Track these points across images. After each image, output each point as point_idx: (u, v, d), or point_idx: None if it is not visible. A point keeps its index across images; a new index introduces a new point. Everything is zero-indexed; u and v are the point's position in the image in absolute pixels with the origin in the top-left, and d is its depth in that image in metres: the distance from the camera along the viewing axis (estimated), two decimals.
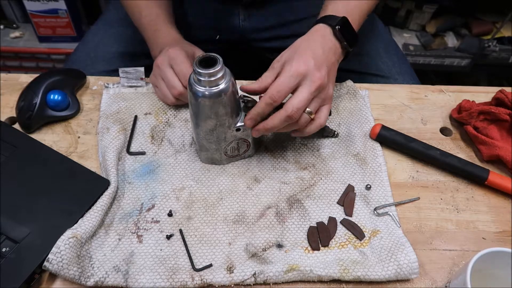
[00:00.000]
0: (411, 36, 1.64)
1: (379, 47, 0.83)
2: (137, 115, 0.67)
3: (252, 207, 0.57)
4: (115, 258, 0.51)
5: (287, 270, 0.50)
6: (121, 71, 0.68)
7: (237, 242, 0.53)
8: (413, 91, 0.74)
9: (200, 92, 0.51)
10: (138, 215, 0.56)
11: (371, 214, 0.57)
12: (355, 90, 0.71)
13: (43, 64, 1.60)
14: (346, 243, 0.54)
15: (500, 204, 0.60)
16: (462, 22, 1.63)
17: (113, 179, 0.57)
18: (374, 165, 0.62)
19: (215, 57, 0.50)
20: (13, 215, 0.52)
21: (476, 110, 0.65)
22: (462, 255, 0.54)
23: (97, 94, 0.70)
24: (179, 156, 0.62)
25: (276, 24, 0.84)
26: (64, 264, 0.48)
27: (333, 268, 0.50)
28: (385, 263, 0.51)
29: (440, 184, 0.61)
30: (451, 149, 0.65)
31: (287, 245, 0.54)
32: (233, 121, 0.55)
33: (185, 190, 0.58)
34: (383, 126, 0.64)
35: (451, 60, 1.61)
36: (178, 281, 0.49)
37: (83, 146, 0.63)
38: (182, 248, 0.53)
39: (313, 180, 0.60)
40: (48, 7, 1.45)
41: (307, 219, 0.56)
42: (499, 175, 0.60)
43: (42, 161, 0.59)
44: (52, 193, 0.55)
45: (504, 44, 1.60)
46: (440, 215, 0.58)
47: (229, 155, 0.60)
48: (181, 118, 0.67)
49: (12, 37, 1.57)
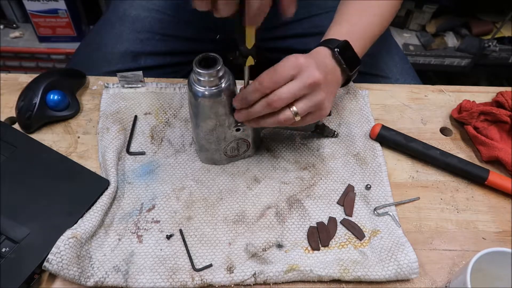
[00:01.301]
0: (411, 36, 1.64)
1: (381, 48, 0.83)
2: (137, 115, 0.67)
3: (252, 207, 0.57)
4: (115, 258, 0.51)
5: (287, 270, 0.50)
6: (119, 76, 0.68)
7: (237, 242, 0.53)
8: (413, 91, 0.74)
9: (200, 92, 0.51)
10: (138, 215, 0.56)
11: (371, 214, 0.57)
12: (355, 90, 0.71)
13: (43, 64, 1.60)
14: (346, 243, 0.54)
15: (500, 204, 0.60)
16: (462, 22, 1.63)
17: (113, 179, 0.57)
18: (374, 165, 0.62)
19: (215, 57, 0.50)
20: (13, 215, 0.52)
21: (476, 110, 0.65)
22: (462, 255, 0.54)
23: (97, 94, 0.70)
24: (179, 156, 0.62)
25: (277, 24, 0.84)
26: (64, 264, 0.48)
27: (333, 268, 0.50)
28: (385, 263, 0.51)
29: (440, 184, 0.61)
30: (451, 149, 0.65)
31: (287, 245, 0.54)
32: (233, 121, 0.55)
33: (185, 190, 0.58)
34: (383, 126, 0.64)
35: (451, 60, 1.61)
36: (178, 281, 0.49)
37: (83, 146, 0.63)
38: (182, 248, 0.53)
39: (313, 180, 0.60)
40: (48, 7, 1.45)
41: (307, 219, 0.56)
42: (499, 175, 0.60)
43: (42, 161, 0.59)
44: (52, 193, 0.55)
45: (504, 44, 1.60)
46: (440, 215, 0.58)
47: (229, 155, 0.60)
48: (181, 118, 0.67)
49: (12, 37, 1.57)
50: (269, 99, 0.49)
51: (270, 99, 0.49)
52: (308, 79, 0.49)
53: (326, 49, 0.56)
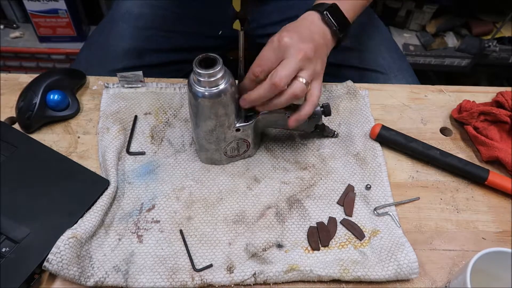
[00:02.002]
0: (411, 36, 1.64)
1: (380, 44, 0.83)
2: (137, 115, 0.67)
3: (252, 207, 0.57)
4: (115, 258, 0.51)
5: (287, 270, 0.50)
6: (119, 76, 0.68)
7: (237, 242, 0.53)
8: (413, 91, 0.74)
9: (200, 92, 0.51)
10: (138, 215, 0.56)
11: (371, 214, 0.57)
12: (355, 90, 0.71)
13: (43, 64, 1.60)
14: (346, 243, 0.54)
15: (500, 204, 0.60)
16: (462, 22, 1.63)
17: (113, 179, 0.57)
18: (374, 165, 0.62)
19: (215, 57, 0.50)
20: (13, 215, 0.52)
21: (477, 110, 0.65)
22: (462, 255, 0.54)
23: (97, 94, 0.70)
24: (179, 156, 0.62)
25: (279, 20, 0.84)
26: (64, 264, 0.48)
27: (333, 268, 0.50)
28: (385, 263, 0.51)
29: (440, 184, 0.61)
30: (451, 149, 0.65)
31: (287, 245, 0.54)
32: (232, 121, 0.55)
33: (185, 190, 0.58)
34: (383, 126, 0.64)
35: (451, 60, 1.60)
36: (178, 281, 0.49)
37: (83, 146, 0.63)
38: (182, 248, 0.53)
39: (313, 180, 0.60)
40: (48, 7, 1.45)
41: (307, 219, 0.56)
42: (499, 175, 0.60)
43: (42, 161, 0.59)
44: (52, 193, 0.55)
45: (504, 44, 1.60)
46: (440, 215, 0.58)
47: (229, 155, 0.60)
48: (181, 118, 0.67)
49: (12, 37, 1.57)
50: (271, 80, 0.50)
51: (272, 80, 0.50)
52: (299, 53, 0.51)
53: (315, 13, 0.57)
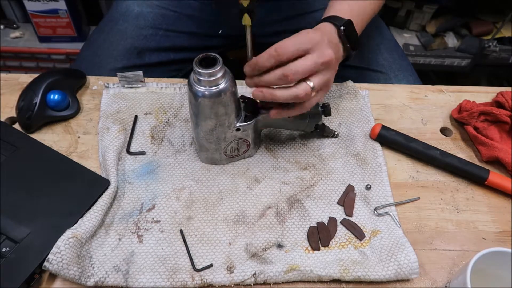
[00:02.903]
0: (411, 36, 1.64)
1: (380, 43, 0.83)
2: (137, 115, 0.67)
3: (252, 207, 0.57)
4: (115, 258, 0.51)
5: (287, 270, 0.50)
6: (119, 76, 0.68)
7: (237, 242, 0.53)
8: (413, 91, 0.74)
9: (200, 92, 0.51)
10: (139, 215, 0.56)
11: (371, 214, 0.57)
12: (355, 90, 0.71)
13: (43, 64, 1.60)
14: (346, 243, 0.54)
15: (500, 204, 0.60)
16: (462, 22, 1.63)
17: (113, 179, 0.57)
18: (374, 165, 0.62)
19: (215, 57, 0.50)
20: (13, 215, 0.52)
21: (477, 110, 0.65)
22: (462, 255, 0.54)
23: (97, 94, 0.70)
24: (179, 156, 0.62)
25: (279, 19, 0.84)
26: (64, 264, 0.48)
27: (333, 268, 0.50)
28: (385, 263, 0.51)
29: (440, 184, 0.61)
30: (451, 149, 0.65)
31: (287, 245, 0.54)
32: (232, 121, 0.55)
33: (185, 190, 0.58)
34: (383, 126, 0.64)
35: (451, 60, 1.61)
36: (178, 281, 0.49)
37: (83, 146, 0.63)
38: (183, 248, 0.53)
39: (313, 180, 0.60)
40: (48, 7, 1.45)
41: (307, 219, 0.56)
42: (499, 175, 0.60)
43: (42, 161, 0.59)
44: (52, 193, 0.55)
45: (504, 44, 1.60)
46: (440, 215, 0.58)
47: (229, 155, 0.60)
48: (181, 118, 0.67)
49: (12, 37, 1.57)
50: (285, 70, 0.48)
51: (286, 71, 0.48)
52: (323, 57, 0.50)
53: (332, 26, 0.57)
